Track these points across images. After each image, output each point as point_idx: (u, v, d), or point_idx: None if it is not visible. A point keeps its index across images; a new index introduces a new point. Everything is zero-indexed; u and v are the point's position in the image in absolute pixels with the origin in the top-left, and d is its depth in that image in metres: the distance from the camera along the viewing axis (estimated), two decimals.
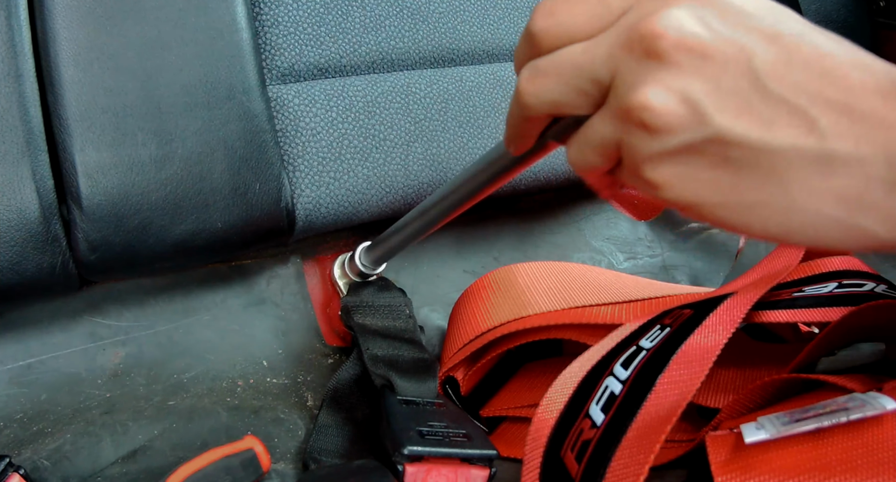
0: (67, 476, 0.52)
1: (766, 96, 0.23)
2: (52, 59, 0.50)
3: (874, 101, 0.23)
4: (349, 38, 0.62)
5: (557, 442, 0.38)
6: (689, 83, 0.24)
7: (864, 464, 0.26)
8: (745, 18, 0.24)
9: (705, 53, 0.23)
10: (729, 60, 0.23)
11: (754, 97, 0.23)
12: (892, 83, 0.23)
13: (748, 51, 0.23)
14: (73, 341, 0.59)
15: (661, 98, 0.24)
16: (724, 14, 0.24)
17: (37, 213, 0.49)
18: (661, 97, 0.24)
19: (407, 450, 0.43)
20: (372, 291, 0.61)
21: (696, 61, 0.24)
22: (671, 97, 0.24)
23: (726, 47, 0.23)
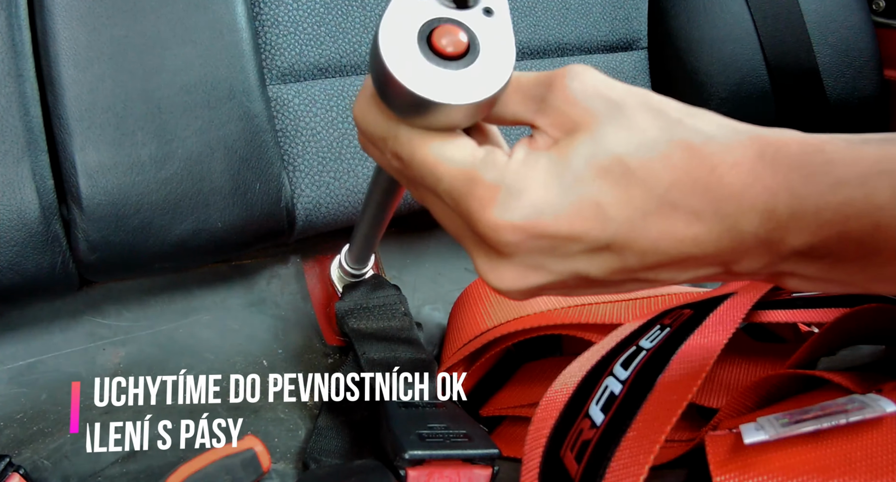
0: (67, 476, 0.52)
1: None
2: (52, 59, 0.50)
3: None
4: (349, 38, 0.62)
5: (557, 442, 0.38)
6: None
7: (864, 466, 0.26)
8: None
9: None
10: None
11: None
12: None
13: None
14: (73, 341, 0.59)
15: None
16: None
17: (37, 213, 0.49)
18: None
19: (408, 454, 0.43)
20: (364, 292, 0.61)
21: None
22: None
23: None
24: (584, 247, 0.24)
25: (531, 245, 0.24)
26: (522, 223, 0.24)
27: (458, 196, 0.25)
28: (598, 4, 0.74)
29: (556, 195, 0.24)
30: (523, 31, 0.70)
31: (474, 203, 0.24)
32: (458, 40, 0.24)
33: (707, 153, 0.23)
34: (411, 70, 0.23)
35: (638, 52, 0.75)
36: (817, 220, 0.23)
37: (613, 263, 0.25)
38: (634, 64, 0.75)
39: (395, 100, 0.24)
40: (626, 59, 0.74)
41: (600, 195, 0.23)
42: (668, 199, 0.23)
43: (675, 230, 0.24)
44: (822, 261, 0.24)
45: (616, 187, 0.23)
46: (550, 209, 0.23)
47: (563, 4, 0.72)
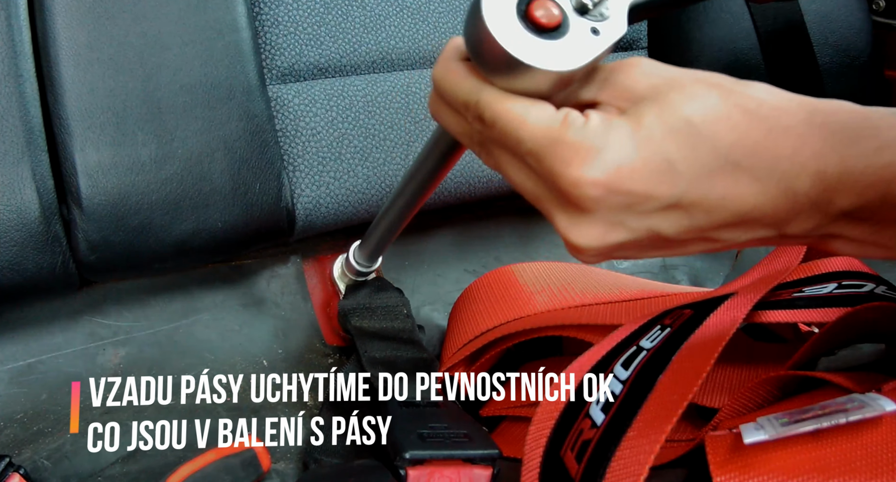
0: (67, 476, 0.52)
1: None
2: (52, 59, 0.50)
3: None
4: (349, 38, 0.62)
5: (557, 441, 0.38)
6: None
7: (863, 465, 0.26)
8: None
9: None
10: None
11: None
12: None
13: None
14: (73, 341, 0.59)
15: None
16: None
17: (37, 213, 0.49)
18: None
19: (409, 454, 0.43)
20: (368, 292, 0.61)
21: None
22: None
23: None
24: (658, 205, 0.25)
25: (611, 201, 0.25)
26: (604, 179, 0.25)
27: (542, 155, 0.26)
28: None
29: (631, 153, 0.25)
30: None
31: (557, 161, 0.25)
32: (552, 13, 0.26)
33: (762, 116, 0.25)
34: (509, 33, 0.25)
35: (638, 52, 0.75)
36: (862, 182, 0.24)
37: (684, 221, 0.26)
38: None
39: (490, 60, 0.26)
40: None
41: (670, 153, 0.25)
42: (731, 158, 0.25)
43: (737, 188, 0.25)
44: (867, 223, 0.26)
45: (684, 146, 0.25)
46: (628, 166, 0.25)
47: None
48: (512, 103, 0.27)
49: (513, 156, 0.28)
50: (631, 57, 0.28)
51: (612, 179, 0.25)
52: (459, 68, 0.28)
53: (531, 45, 0.25)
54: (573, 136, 0.25)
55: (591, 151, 0.25)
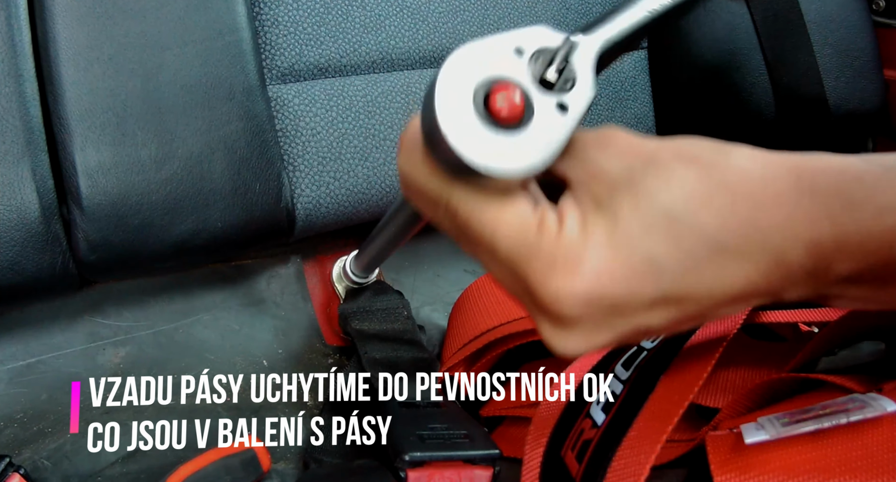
0: (67, 476, 0.52)
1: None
2: (52, 59, 0.50)
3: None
4: (349, 38, 0.62)
5: (558, 441, 0.38)
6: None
7: (864, 465, 0.26)
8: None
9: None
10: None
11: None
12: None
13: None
14: (73, 341, 0.59)
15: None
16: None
17: (37, 213, 0.49)
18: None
19: (408, 456, 0.43)
20: (368, 296, 0.61)
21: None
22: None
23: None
24: (645, 303, 0.24)
25: (594, 311, 0.24)
26: (584, 291, 0.24)
27: (517, 264, 0.25)
28: (598, 4, 0.74)
29: (612, 259, 0.24)
30: None
31: (534, 274, 0.24)
32: (513, 103, 0.23)
33: (747, 191, 0.24)
34: (465, 135, 0.23)
35: (638, 52, 0.75)
36: (862, 249, 0.23)
37: (672, 313, 0.25)
38: (634, 64, 0.75)
39: (450, 163, 0.24)
40: (626, 59, 0.74)
41: (652, 250, 0.24)
42: (717, 243, 0.24)
43: (727, 273, 0.24)
44: (869, 284, 0.25)
45: (666, 240, 0.24)
46: (609, 273, 0.24)
47: (563, 4, 0.72)
48: (482, 208, 0.25)
49: (490, 258, 0.26)
50: (607, 130, 0.26)
51: (593, 290, 0.24)
52: (424, 164, 0.26)
53: (492, 146, 0.23)
54: (549, 247, 0.24)
55: (569, 264, 0.24)
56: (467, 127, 0.23)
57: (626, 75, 0.73)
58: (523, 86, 0.24)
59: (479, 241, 0.26)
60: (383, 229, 0.46)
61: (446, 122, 0.23)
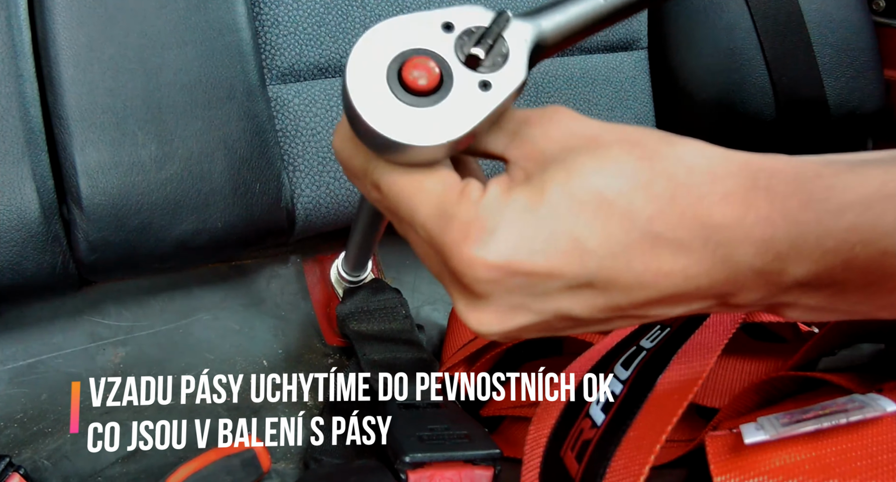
0: (67, 476, 0.52)
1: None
2: (52, 59, 0.50)
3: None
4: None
5: (557, 441, 0.38)
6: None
7: (863, 465, 0.26)
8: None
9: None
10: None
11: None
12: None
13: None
14: (73, 341, 0.59)
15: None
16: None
17: (37, 213, 0.49)
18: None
19: (408, 457, 0.43)
20: (365, 295, 0.61)
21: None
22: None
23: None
24: (565, 285, 0.23)
25: (509, 284, 0.23)
26: (497, 261, 0.23)
27: (433, 231, 0.24)
28: None
29: (531, 231, 0.23)
30: None
31: (448, 239, 0.23)
32: (429, 73, 0.23)
33: (692, 183, 0.22)
34: (379, 110, 0.23)
35: (638, 52, 0.75)
36: (820, 249, 0.22)
37: (598, 301, 0.24)
38: (634, 64, 0.75)
39: (366, 138, 0.24)
40: (626, 59, 0.74)
41: (577, 229, 0.22)
42: (650, 231, 0.22)
43: (660, 263, 0.23)
44: (825, 291, 0.23)
45: (594, 220, 0.22)
46: (526, 246, 0.22)
47: None
48: (403, 179, 0.24)
49: (410, 228, 0.26)
50: (552, 107, 0.25)
51: (507, 262, 0.22)
52: (350, 140, 0.26)
53: (406, 118, 0.23)
54: (466, 212, 0.23)
55: (485, 230, 0.23)
56: (379, 99, 0.23)
57: (626, 75, 0.73)
58: (444, 59, 0.23)
59: (400, 214, 0.25)
60: (356, 223, 0.46)
61: (357, 94, 0.23)
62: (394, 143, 0.23)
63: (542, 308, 0.24)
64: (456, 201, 0.23)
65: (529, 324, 0.24)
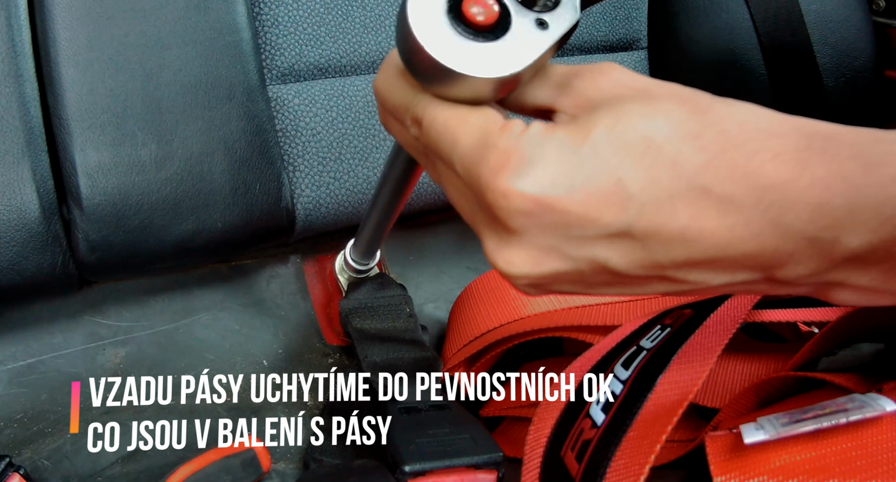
0: (67, 476, 0.52)
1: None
2: (52, 59, 0.50)
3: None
4: (349, 38, 0.62)
5: (558, 442, 0.38)
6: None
7: (863, 464, 0.26)
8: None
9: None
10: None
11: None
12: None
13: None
14: (73, 341, 0.59)
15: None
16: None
17: (37, 213, 0.49)
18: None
19: (408, 467, 0.43)
20: (369, 290, 0.60)
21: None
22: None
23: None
24: (603, 230, 0.22)
25: (544, 221, 0.22)
26: (533, 193, 0.22)
27: (471, 161, 0.23)
28: (598, 4, 0.74)
29: (572, 168, 0.22)
30: None
31: (485, 169, 0.22)
32: (489, 10, 0.23)
33: (744, 139, 0.21)
34: (438, 37, 0.23)
35: (638, 52, 0.75)
36: (878, 217, 0.21)
37: (637, 253, 0.22)
38: (634, 64, 0.75)
39: (420, 69, 0.24)
40: (626, 59, 0.74)
41: (620, 171, 0.21)
42: (698, 182, 0.21)
43: (706, 218, 0.21)
44: (879, 267, 0.22)
45: (639, 164, 0.21)
46: (565, 181, 0.22)
47: None
48: (448, 111, 0.24)
49: (447, 165, 0.25)
50: (604, 62, 0.25)
51: (545, 195, 0.22)
52: (398, 77, 0.26)
53: (464, 50, 0.23)
54: (506, 143, 0.22)
55: (524, 162, 0.22)
56: (439, 31, 0.23)
57: None
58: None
59: (438, 144, 0.24)
60: (377, 197, 0.46)
61: (417, 25, 0.23)
62: (451, 72, 0.23)
63: (578, 254, 0.23)
64: (498, 133, 0.23)
65: (562, 271, 0.23)
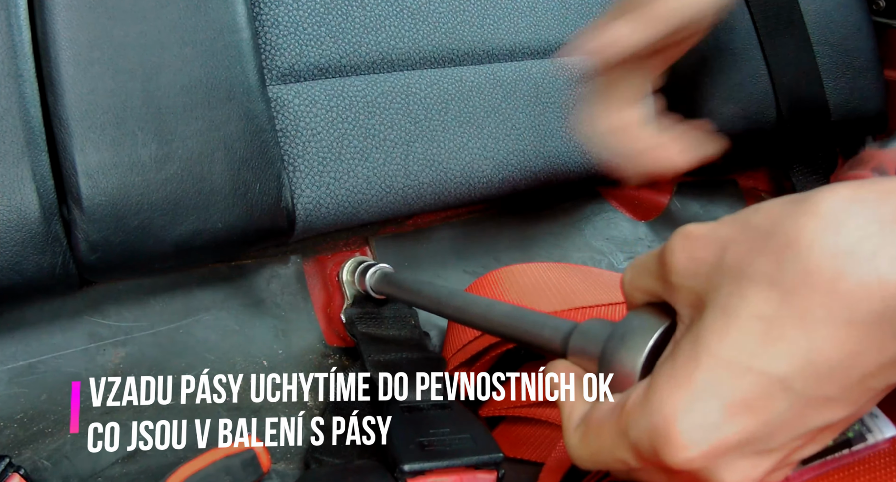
0: (67, 476, 0.52)
1: None
2: (52, 59, 0.50)
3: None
4: (349, 38, 0.62)
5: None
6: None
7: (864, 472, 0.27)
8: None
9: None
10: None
11: None
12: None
13: None
14: (73, 341, 0.59)
15: None
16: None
17: (37, 213, 0.49)
18: None
19: (407, 467, 0.43)
20: (376, 302, 0.61)
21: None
22: None
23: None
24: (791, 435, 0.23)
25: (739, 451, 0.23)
26: (704, 452, 0.23)
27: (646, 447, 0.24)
28: (598, 4, 0.74)
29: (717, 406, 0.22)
30: (523, 30, 0.70)
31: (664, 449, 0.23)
32: None
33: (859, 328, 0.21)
34: None
35: None
36: None
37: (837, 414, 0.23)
38: None
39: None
40: None
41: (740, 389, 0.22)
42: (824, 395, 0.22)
43: (825, 416, 0.23)
44: None
45: (760, 397, 0.22)
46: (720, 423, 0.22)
47: (563, 4, 0.72)
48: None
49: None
50: (679, 229, 0.25)
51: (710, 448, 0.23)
52: (608, 438, 0.26)
53: None
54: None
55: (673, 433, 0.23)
56: None
57: None
58: None
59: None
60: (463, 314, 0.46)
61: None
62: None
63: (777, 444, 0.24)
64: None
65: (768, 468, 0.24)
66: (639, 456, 0.25)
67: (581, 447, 0.28)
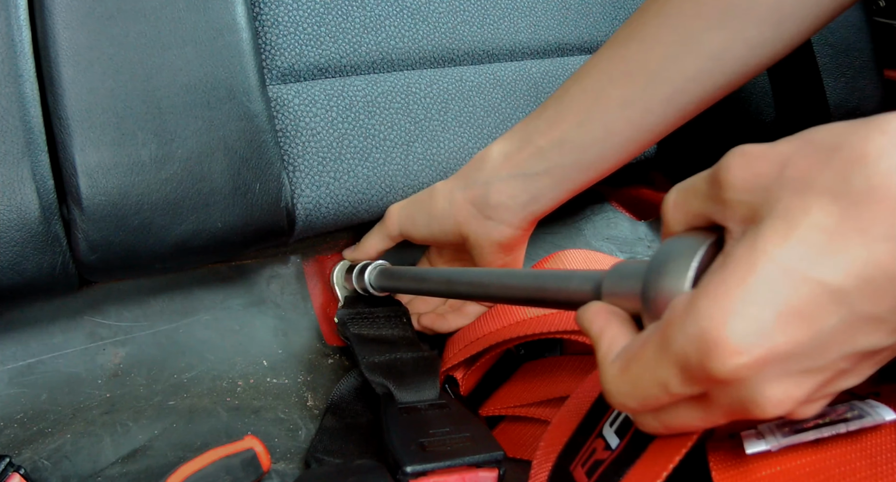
0: (67, 476, 0.52)
1: None
2: (52, 59, 0.50)
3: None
4: (349, 38, 0.62)
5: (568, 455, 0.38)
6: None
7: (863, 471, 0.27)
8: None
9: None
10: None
11: None
12: None
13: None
14: (73, 341, 0.59)
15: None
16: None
17: (37, 213, 0.49)
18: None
19: (409, 469, 0.43)
20: (368, 301, 0.61)
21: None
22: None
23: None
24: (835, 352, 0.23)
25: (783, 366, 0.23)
26: (754, 359, 0.22)
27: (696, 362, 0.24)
28: (598, 4, 0.74)
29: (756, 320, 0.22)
30: (523, 30, 0.70)
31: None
32: None
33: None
34: None
35: None
36: None
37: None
38: None
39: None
40: None
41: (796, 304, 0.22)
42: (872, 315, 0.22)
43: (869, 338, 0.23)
44: None
45: (813, 305, 0.22)
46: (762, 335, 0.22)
47: (563, 4, 0.72)
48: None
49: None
50: (734, 149, 0.25)
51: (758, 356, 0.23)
52: (649, 364, 0.26)
53: None
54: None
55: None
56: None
57: None
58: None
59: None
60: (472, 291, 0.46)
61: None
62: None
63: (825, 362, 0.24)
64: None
65: (811, 389, 0.24)
66: (682, 370, 0.24)
67: (618, 378, 0.27)
